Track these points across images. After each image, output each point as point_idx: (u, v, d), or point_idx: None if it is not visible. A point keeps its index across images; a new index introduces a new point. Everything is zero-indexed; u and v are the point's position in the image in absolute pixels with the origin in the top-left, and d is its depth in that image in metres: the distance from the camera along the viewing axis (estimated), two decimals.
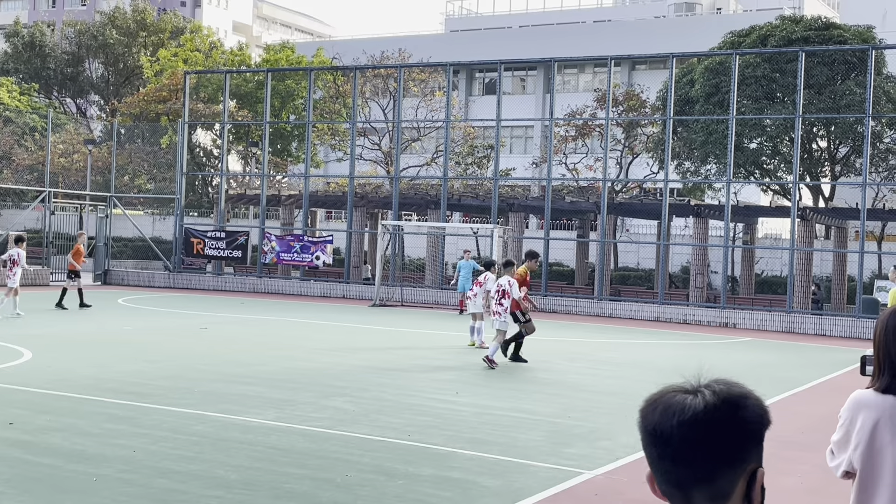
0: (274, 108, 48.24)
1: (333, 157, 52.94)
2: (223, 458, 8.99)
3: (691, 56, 39.55)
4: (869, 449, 3.63)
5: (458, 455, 9.58)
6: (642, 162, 44.53)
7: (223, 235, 37.40)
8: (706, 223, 35.22)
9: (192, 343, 18.61)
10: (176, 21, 65.80)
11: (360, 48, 54.95)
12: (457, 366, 16.71)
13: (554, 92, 34.20)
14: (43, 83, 64.60)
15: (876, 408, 3.63)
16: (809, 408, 14.06)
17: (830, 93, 35.19)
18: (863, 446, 3.64)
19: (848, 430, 3.71)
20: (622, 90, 44.70)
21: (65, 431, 9.84)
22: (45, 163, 39.57)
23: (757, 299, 36.12)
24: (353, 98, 37.44)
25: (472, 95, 64.10)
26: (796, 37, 35.90)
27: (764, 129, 36.80)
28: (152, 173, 52.44)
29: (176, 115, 47.03)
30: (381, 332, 22.62)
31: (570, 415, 12.18)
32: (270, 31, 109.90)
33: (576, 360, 18.44)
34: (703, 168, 38.94)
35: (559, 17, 72.08)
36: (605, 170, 33.41)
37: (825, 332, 28.18)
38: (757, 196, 48.53)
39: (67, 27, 66.82)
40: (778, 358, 21.34)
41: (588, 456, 9.84)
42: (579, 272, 42.01)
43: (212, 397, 12.07)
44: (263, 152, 38.89)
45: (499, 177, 35.37)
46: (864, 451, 3.64)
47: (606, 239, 33.98)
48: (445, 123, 36.18)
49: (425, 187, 43.07)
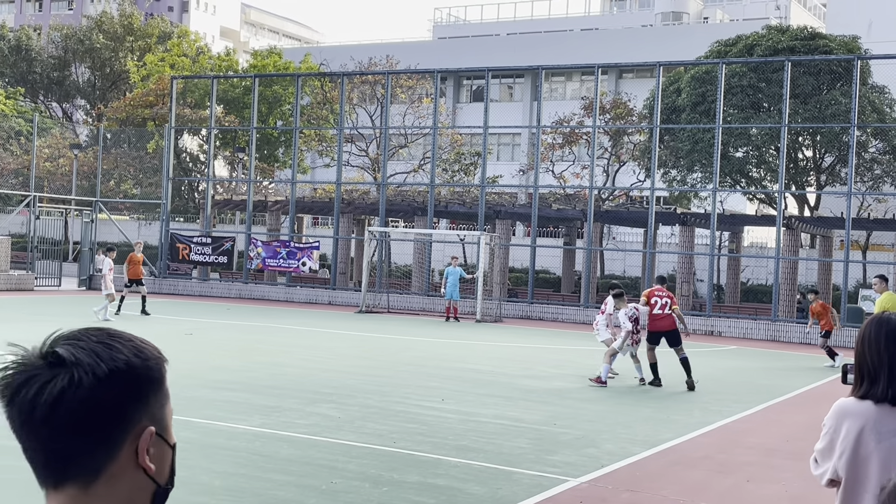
0: (261, 113, 48.19)
1: (320, 163, 52.92)
2: (208, 464, 8.94)
3: (678, 65, 39.71)
4: (854, 457, 3.66)
5: (443, 462, 9.56)
6: (629, 170, 44.66)
7: (209, 241, 37.29)
8: (692, 231, 35.33)
9: (177, 349, 18.52)
10: (163, 26, 65.64)
11: (348, 54, 54.97)
12: (442, 373, 16.69)
13: (541, 99, 34.26)
14: (29, 87, 64.32)
15: (860, 416, 3.67)
16: (794, 416, 14.09)
17: (816, 102, 35.38)
18: (847, 454, 3.66)
19: (832, 439, 3.74)
20: (609, 98, 44.83)
21: None
22: (31, 167, 39.39)
23: (742, 308, 36.22)
24: (341, 104, 37.43)
25: (459, 102, 64.17)
26: (782, 46, 36.09)
27: (750, 139, 36.96)
28: (138, 178, 52.27)
29: (162, 120, 46.92)
30: (367, 339, 22.59)
31: (556, 422, 12.18)
32: (258, 37, 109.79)
33: (561, 368, 18.44)
34: (689, 176, 39.06)
35: (547, 25, 72.30)
36: (592, 177, 33.47)
37: (810, 341, 28.27)
38: (743, 205, 48.72)
39: (54, 31, 66.59)
40: (763, 366, 21.40)
41: (573, 463, 9.84)
42: (566, 280, 42.05)
43: (197, 403, 12.01)
44: (250, 158, 38.82)
45: (486, 184, 35.40)
46: (849, 459, 3.66)
47: (593, 247, 34.03)
48: (433, 130, 36.20)
49: (412, 194, 43.07)
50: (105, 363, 1.46)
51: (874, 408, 3.65)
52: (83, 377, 1.43)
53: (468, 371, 16.97)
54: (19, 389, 1.44)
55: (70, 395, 1.43)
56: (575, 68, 50.71)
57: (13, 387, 1.45)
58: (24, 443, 1.47)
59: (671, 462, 10.28)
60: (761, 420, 13.64)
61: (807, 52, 35.57)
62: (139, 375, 1.49)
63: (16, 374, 1.45)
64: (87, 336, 1.50)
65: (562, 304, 33.89)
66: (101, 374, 1.45)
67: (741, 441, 11.80)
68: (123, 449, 1.47)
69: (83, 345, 1.47)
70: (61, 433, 1.43)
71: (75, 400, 1.43)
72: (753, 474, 9.90)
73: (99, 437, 1.45)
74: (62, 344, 1.48)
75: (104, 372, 1.45)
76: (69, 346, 1.47)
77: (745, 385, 17.49)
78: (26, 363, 1.46)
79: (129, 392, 1.47)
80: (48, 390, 1.42)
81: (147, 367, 1.51)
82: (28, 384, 1.44)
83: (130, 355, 1.49)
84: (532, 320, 31.65)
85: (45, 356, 1.46)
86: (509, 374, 16.96)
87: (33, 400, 1.43)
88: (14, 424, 1.46)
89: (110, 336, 1.51)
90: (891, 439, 3.62)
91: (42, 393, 1.43)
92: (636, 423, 12.49)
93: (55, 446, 1.44)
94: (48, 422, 1.43)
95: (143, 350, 1.52)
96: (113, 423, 1.46)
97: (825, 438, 3.77)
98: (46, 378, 1.43)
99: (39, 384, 1.43)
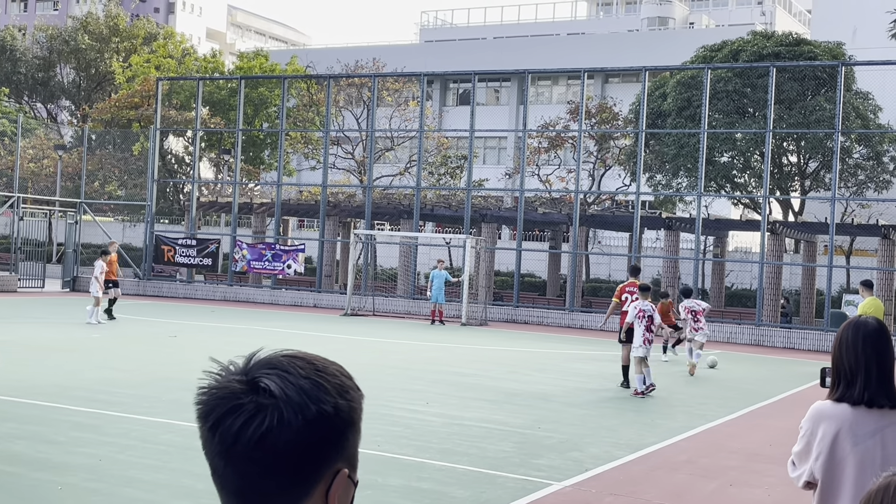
0: (247, 115, 48.08)
1: (306, 165, 52.83)
2: (191, 467, 8.91)
3: (664, 70, 39.84)
4: (830, 459, 3.69)
5: (427, 465, 9.56)
6: (614, 174, 44.76)
7: (194, 243, 37.17)
8: (677, 236, 35.43)
9: (162, 351, 18.46)
10: (149, 27, 65.39)
11: (335, 57, 54.93)
12: (427, 376, 16.68)
13: (527, 103, 34.32)
14: (13, 87, 63.96)
15: (836, 419, 3.70)
16: (777, 421, 14.14)
17: (801, 108, 35.55)
18: (824, 456, 3.70)
19: (809, 441, 3.77)
20: (595, 102, 44.94)
21: (29, 439, 9.73)
22: (15, 168, 39.20)
23: (727, 312, 36.34)
24: (327, 107, 37.40)
25: (445, 106, 64.21)
26: (767, 52, 36.27)
27: (735, 144, 37.11)
28: (123, 180, 52.06)
29: (148, 122, 46.77)
30: (352, 342, 22.55)
31: (540, 426, 12.19)
32: (244, 39, 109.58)
33: (546, 371, 18.46)
34: (674, 181, 39.19)
35: (533, 29, 72.42)
36: (578, 181, 33.53)
37: (794, 346, 28.38)
38: (728, 210, 48.90)
39: (39, 31, 66.24)
40: (746, 371, 21.47)
41: (558, 467, 9.84)
42: (551, 283, 42.11)
43: (180, 406, 11.96)
44: (236, 160, 38.74)
45: (472, 187, 35.42)
46: (826, 462, 3.70)
47: (578, 250, 34.10)
48: (419, 133, 36.21)
49: (398, 197, 43.06)
50: (314, 404, 1.42)
51: (850, 410, 3.69)
52: (292, 418, 1.40)
53: (453, 374, 16.95)
54: (224, 418, 1.41)
55: (276, 435, 1.39)
56: (561, 72, 50.76)
57: (218, 414, 1.42)
58: (218, 469, 1.44)
59: (655, 466, 10.30)
60: (745, 424, 13.68)
61: (792, 58, 35.74)
62: (343, 419, 1.45)
63: (220, 401, 1.42)
64: (295, 368, 1.46)
65: (547, 308, 33.91)
66: (310, 416, 1.41)
67: (725, 445, 11.83)
68: (317, 489, 1.44)
69: (292, 379, 1.43)
70: (261, 470, 1.41)
71: (281, 440, 1.40)
72: (736, 478, 9.93)
73: (297, 478, 1.42)
74: (270, 374, 1.44)
75: (313, 415, 1.41)
76: (278, 380, 1.43)
77: (729, 389, 17.54)
78: (230, 388, 1.43)
79: (332, 436, 1.44)
80: (254, 425, 1.39)
81: (350, 409, 1.47)
82: (234, 414, 1.40)
83: (337, 397, 1.45)
84: (517, 324, 31.67)
85: (251, 384, 1.43)
86: (494, 377, 16.96)
87: (238, 433, 1.40)
88: (211, 449, 1.44)
89: (317, 371, 1.47)
90: (866, 441, 3.65)
91: (248, 427, 1.39)
92: (620, 427, 12.51)
93: (253, 481, 1.42)
94: (251, 457, 1.40)
95: (348, 390, 1.48)
96: (313, 465, 1.43)
97: (802, 441, 3.80)
98: (252, 411, 1.40)
99: (246, 417, 1.40)
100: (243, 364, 1.47)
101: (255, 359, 1.47)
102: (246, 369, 1.45)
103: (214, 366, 1.48)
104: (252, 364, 1.46)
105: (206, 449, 1.45)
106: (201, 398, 1.45)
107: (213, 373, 1.47)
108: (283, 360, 1.47)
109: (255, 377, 1.43)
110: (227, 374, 1.45)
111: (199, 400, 1.45)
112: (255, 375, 1.44)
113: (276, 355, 1.49)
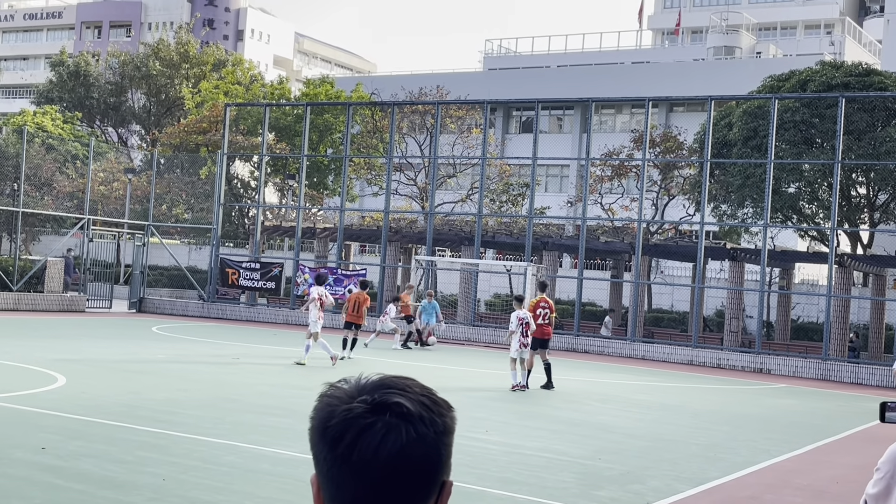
0: (312, 141, 48.65)
1: (369, 191, 53.22)
2: (252, 489, 8.98)
3: (729, 99, 39.46)
4: None
5: (487, 494, 9.52)
6: (678, 204, 44.36)
7: (258, 266, 37.62)
8: (742, 267, 34.96)
9: (225, 373, 18.68)
10: (218, 54, 66.67)
11: (399, 84, 55.36)
12: (488, 404, 16.64)
13: (590, 131, 34.24)
14: (86, 112, 65.61)
15: None
16: (843, 458, 13.84)
17: (870, 139, 34.95)
18: None
19: (889, 485, 3.65)
20: (659, 131, 44.67)
21: (96, 458, 9.90)
22: (86, 190, 40.10)
23: (792, 345, 35.72)
24: (391, 133, 37.70)
25: (508, 133, 64.29)
26: (836, 82, 35.75)
27: (802, 174, 36.57)
28: (190, 203, 52.94)
29: (215, 147, 47.54)
30: (415, 369, 22.58)
31: (601, 457, 12.07)
32: (310, 66, 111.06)
33: (608, 402, 18.30)
34: (739, 211, 38.71)
35: (597, 58, 72.27)
36: (641, 210, 33.30)
37: (861, 381, 27.77)
38: (794, 241, 48.14)
39: (112, 58, 67.91)
40: (813, 406, 21.06)
41: (618, 499, 9.74)
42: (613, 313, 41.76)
43: (243, 428, 12.09)
44: (300, 185, 39.17)
45: (533, 215, 35.38)
46: None
47: (640, 280, 33.81)
48: (481, 160, 36.29)
49: (459, 223, 43.15)
50: (439, 419, 1.51)
51: None
52: (426, 433, 1.48)
53: (513, 402, 16.89)
54: (360, 438, 1.46)
55: (412, 449, 1.46)
56: (625, 101, 50.59)
57: (353, 435, 1.47)
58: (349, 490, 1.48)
59: (717, 501, 10.14)
60: (810, 460, 13.41)
61: (861, 89, 35.18)
62: (454, 431, 1.54)
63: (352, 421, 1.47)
64: (410, 387, 1.53)
65: (608, 338, 33.65)
66: (440, 430, 1.50)
67: (790, 481, 11.61)
68: (432, 500, 1.51)
69: (413, 397, 1.51)
70: (398, 484, 1.47)
71: (416, 454, 1.47)
72: None
73: (426, 490, 1.49)
74: (393, 393, 1.50)
75: (440, 428, 1.50)
76: (404, 399, 1.50)
77: (795, 424, 17.22)
78: (356, 410, 1.49)
79: (450, 448, 1.53)
80: (391, 441, 1.46)
81: (454, 421, 1.55)
82: (370, 433, 1.46)
83: (448, 410, 1.54)
84: (578, 353, 31.45)
85: (376, 405, 1.48)
86: (554, 406, 16.86)
87: (377, 450, 1.45)
88: (344, 471, 1.48)
89: (426, 389, 1.55)
90: None
91: (385, 444, 1.45)
92: (682, 461, 12.34)
93: (388, 497, 1.47)
94: (389, 473, 1.46)
95: (450, 406, 1.57)
96: (437, 476, 1.50)
97: (881, 483, 3.69)
98: (386, 429, 1.46)
99: (382, 434, 1.46)
100: (356, 388, 1.53)
101: (366, 381, 1.54)
102: (363, 391, 1.51)
103: (326, 390, 1.55)
104: (368, 386, 1.53)
105: (336, 471, 1.49)
106: (329, 423, 1.50)
107: (328, 396, 1.54)
108: (397, 381, 1.54)
109: (379, 398, 1.49)
110: (347, 398, 1.51)
111: (328, 425, 1.50)
112: (378, 396, 1.50)
113: (385, 377, 1.55)
